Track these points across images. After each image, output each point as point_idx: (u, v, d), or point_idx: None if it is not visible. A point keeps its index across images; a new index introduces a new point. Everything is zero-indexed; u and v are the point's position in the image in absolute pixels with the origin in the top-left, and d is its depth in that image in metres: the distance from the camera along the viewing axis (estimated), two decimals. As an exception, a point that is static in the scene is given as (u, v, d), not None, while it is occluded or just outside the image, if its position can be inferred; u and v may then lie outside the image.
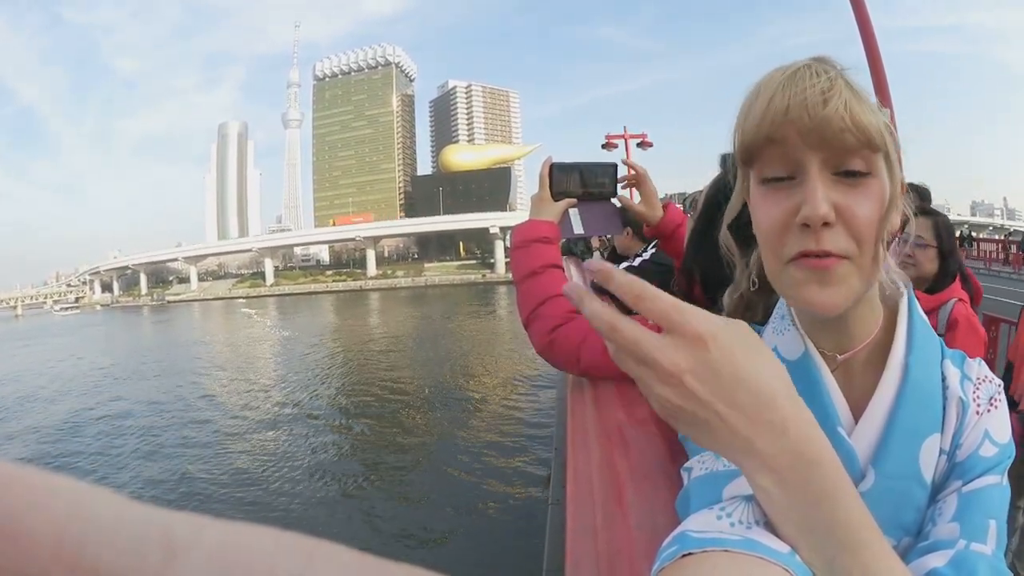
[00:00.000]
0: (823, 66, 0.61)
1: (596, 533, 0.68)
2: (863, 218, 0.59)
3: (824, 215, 0.58)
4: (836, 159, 0.59)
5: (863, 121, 0.58)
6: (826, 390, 0.65)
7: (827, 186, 0.59)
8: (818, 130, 0.58)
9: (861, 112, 0.58)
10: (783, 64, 0.63)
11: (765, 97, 0.60)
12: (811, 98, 0.58)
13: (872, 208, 0.59)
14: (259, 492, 8.63)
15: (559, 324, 1.24)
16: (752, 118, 0.62)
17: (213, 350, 26.39)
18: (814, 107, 0.58)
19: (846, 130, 0.58)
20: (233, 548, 0.14)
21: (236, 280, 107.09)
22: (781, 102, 0.59)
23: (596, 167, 1.43)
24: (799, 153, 0.60)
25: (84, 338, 38.29)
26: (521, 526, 6.47)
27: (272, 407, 13.75)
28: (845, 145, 0.58)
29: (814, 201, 0.58)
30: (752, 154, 0.63)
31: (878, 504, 0.57)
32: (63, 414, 14.48)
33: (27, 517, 0.13)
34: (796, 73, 0.60)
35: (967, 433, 0.62)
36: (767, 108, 0.60)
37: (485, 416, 11.71)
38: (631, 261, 3.17)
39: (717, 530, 0.46)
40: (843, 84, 0.59)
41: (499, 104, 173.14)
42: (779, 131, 0.60)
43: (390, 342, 24.18)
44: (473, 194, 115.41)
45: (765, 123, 0.61)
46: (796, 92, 0.59)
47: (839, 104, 0.57)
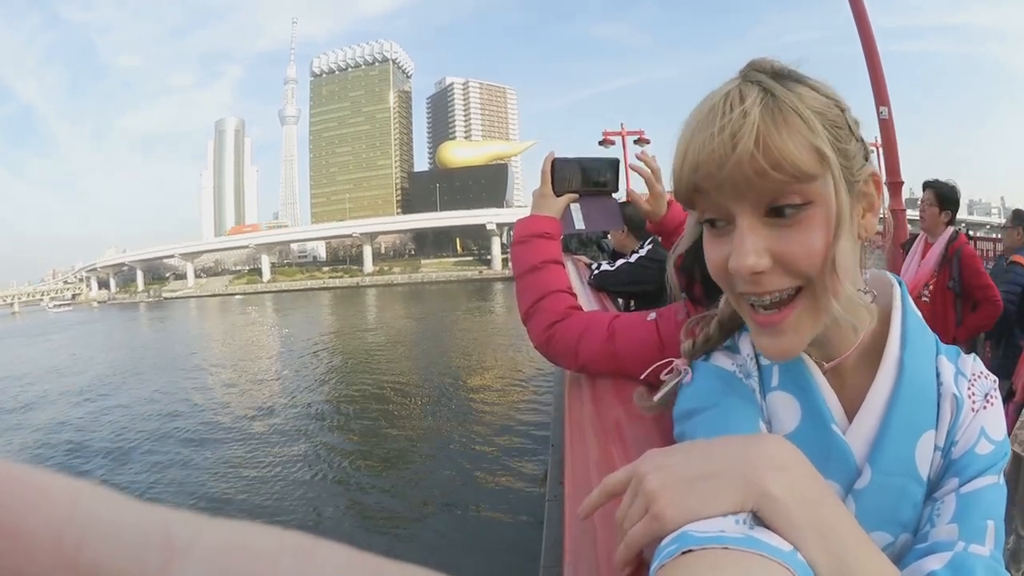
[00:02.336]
0: (745, 87, 0.57)
1: (595, 530, 0.68)
2: (803, 255, 0.57)
3: (750, 267, 0.57)
4: (766, 198, 0.57)
5: (786, 154, 0.54)
6: (818, 389, 0.64)
7: (757, 232, 0.57)
8: (730, 180, 0.56)
9: (782, 144, 0.54)
10: (714, 89, 0.60)
11: (681, 150, 0.59)
12: (718, 148, 0.55)
13: (814, 239, 0.57)
14: (254, 490, 8.62)
15: (558, 319, 1.24)
16: (674, 171, 0.60)
17: (209, 346, 26.33)
18: (722, 157, 0.55)
19: (762, 172, 0.55)
20: (234, 548, 0.14)
21: (233, 276, 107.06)
22: (693, 157, 0.58)
23: (598, 162, 1.44)
24: (724, 201, 0.58)
25: (74, 336, 38.15)
26: (518, 522, 6.48)
27: (268, 403, 13.70)
28: (769, 185, 0.55)
29: (739, 255, 0.57)
30: (685, 202, 0.62)
31: (875, 501, 0.58)
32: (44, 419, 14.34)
33: (26, 517, 0.13)
34: (711, 111, 0.57)
35: (962, 430, 0.61)
36: (683, 164, 0.59)
37: (480, 412, 11.69)
38: (628, 258, 3.19)
39: (718, 528, 0.46)
40: (758, 113, 0.55)
41: (496, 100, 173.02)
42: (700, 184, 0.59)
43: (386, 338, 24.10)
44: (470, 190, 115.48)
45: (683, 179, 0.60)
46: (705, 142, 0.56)
47: (748, 145, 0.54)
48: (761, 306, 0.60)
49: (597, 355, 1.18)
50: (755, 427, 0.64)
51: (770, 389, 0.67)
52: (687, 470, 0.50)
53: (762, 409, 0.67)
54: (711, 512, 0.48)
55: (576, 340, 1.21)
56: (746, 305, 0.62)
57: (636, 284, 3.08)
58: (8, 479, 0.13)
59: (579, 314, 1.25)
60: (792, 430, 0.65)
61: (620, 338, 1.15)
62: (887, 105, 5.81)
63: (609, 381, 1.18)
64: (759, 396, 0.68)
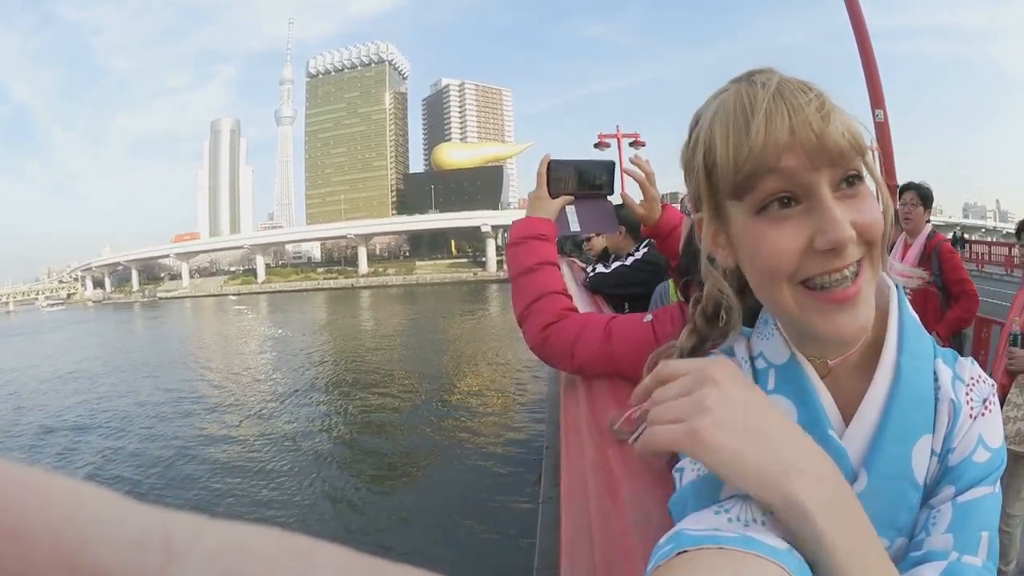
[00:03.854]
0: (800, 82, 0.59)
1: (591, 531, 0.67)
2: (872, 223, 0.58)
3: (849, 237, 0.57)
4: (840, 171, 0.58)
5: (857, 130, 0.58)
6: (815, 392, 0.64)
7: (839, 205, 0.58)
8: (825, 150, 0.57)
9: (848, 120, 0.58)
10: (720, 88, 0.63)
11: (760, 121, 0.57)
12: (813, 121, 0.56)
13: (875, 209, 0.59)
14: (253, 492, 8.59)
15: (553, 321, 1.24)
16: (750, 146, 0.58)
17: (204, 348, 26.24)
18: (820, 129, 0.56)
19: (850, 144, 0.57)
20: (233, 550, 0.14)
21: (228, 277, 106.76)
22: (783, 124, 0.57)
23: (594, 165, 1.44)
24: (806, 176, 0.58)
25: (69, 336, 37.97)
26: (511, 522, 6.48)
27: (263, 405, 13.67)
28: (847, 159, 0.57)
29: (836, 227, 0.56)
30: (751, 185, 0.60)
31: (871, 505, 0.57)
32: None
33: (25, 518, 0.13)
34: (780, 90, 0.58)
35: (960, 436, 0.61)
36: (767, 133, 0.57)
37: (474, 414, 11.68)
38: (623, 260, 3.19)
39: (713, 527, 0.45)
40: (827, 96, 0.58)
41: (492, 102, 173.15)
42: (785, 156, 0.57)
43: (380, 340, 24.14)
44: (465, 192, 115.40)
45: (768, 149, 0.57)
46: (794, 111, 0.57)
47: (838, 119, 0.57)
48: (832, 284, 0.58)
49: (594, 356, 1.18)
50: None
51: (766, 392, 0.65)
52: (750, 422, 0.50)
53: None
54: (738, 478, 0.49)
55: (572, 341, 1.21)
56: (807, 293, 0.60)
57: (631, 287, 3.08)
58: (7, 480, 0.13)
59: (575, 316, 1.25)
60: None
61: (617, 339, 1.15)
62: (883, 108, 5.83)
63: (605, 383, 1.18)
64: None
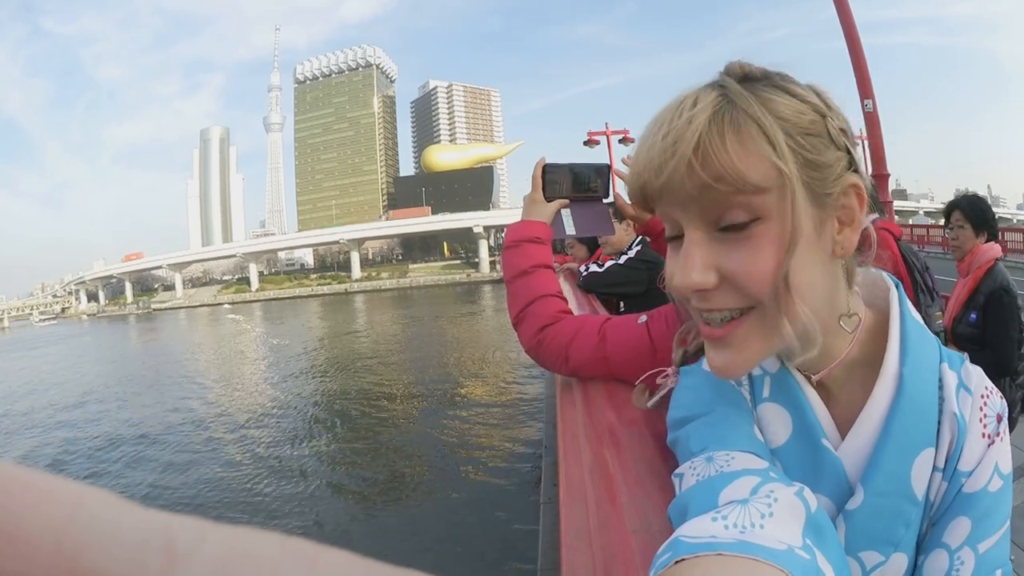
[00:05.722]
0: (703, 92, 0.54)
1: (591, 537, 0.67)
2: (749, 274, 0.53)
3: (693, 284, 0.54)
4: (712, 212, 0.53)
5: (728, 165, 0.50)
6: (807, 402, 0.62)
7: (705, 247, 0.54)
8: (671, 191, 0.54)
9: (725, 155, 0.51)
10: (684, 90, 0.56)
11: (640, 148, 0.56)
12: (658, 155, 0.53)
13: (762, 258, 0.53)
14: (253, 497, 8.58)
15: (548, 324, 1.24)
16: (636, 172, 0.57)
17: (199, 359, 26.15)
18: (660, 165, 0.53)
19: (703, 184, 0.51)
20: (236, 554, 0.14)
21: (221, 286, 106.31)
22: (636, 164, 0.56)
23: (589, 168, 1.44)
24: (671, 212, 0.56)
25: (66, 349, 37.78)
26: (513, 524, 6.48)
27: (262, 412, 13.65)
28: (713, 198, 0.52)
29: (682, 271, 0.55)
30: (651, 210, 0.59)
31: (868, 522, 0.56)
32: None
33: (27, 520, 0.13)
34: (661, 116, 0.55)
35: (971, 456, 0.58)
36: (630, 171, 0.57)
37: (473, 416, 11.68)
38: (616, 259, 3.19)
39: (711, 534, 0.45)
40: (705, 120, 0.51)
41: (480, 103, 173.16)
42: (646, 193, 0.57)
43: (375, 344, 24.08)
44: (456, 194, 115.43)
45: (634, 188, 0.57)
46: (648, 148, 0.54)
47: (686, 153, 0.51)
48: (706, 320, 0.57)
49: (588, 359, 1.17)
50: (749, 434, 0.61)
51: (761, 400, 0.65)
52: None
53: (755, 417, 0.66)
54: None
55: (567, 344, 1.20)
56: (699, 318, 0.58)
57: (625, 286, 3.08)
58: (9, 481, 0.13)
59: (570, 318, 1.25)
60: (783, 442, 0.63)
61: (611, 341, 1.15)
62: (871, 98, 5.87)
63: (601, 384, 1.18)
64: (750, 405, 0.67)
